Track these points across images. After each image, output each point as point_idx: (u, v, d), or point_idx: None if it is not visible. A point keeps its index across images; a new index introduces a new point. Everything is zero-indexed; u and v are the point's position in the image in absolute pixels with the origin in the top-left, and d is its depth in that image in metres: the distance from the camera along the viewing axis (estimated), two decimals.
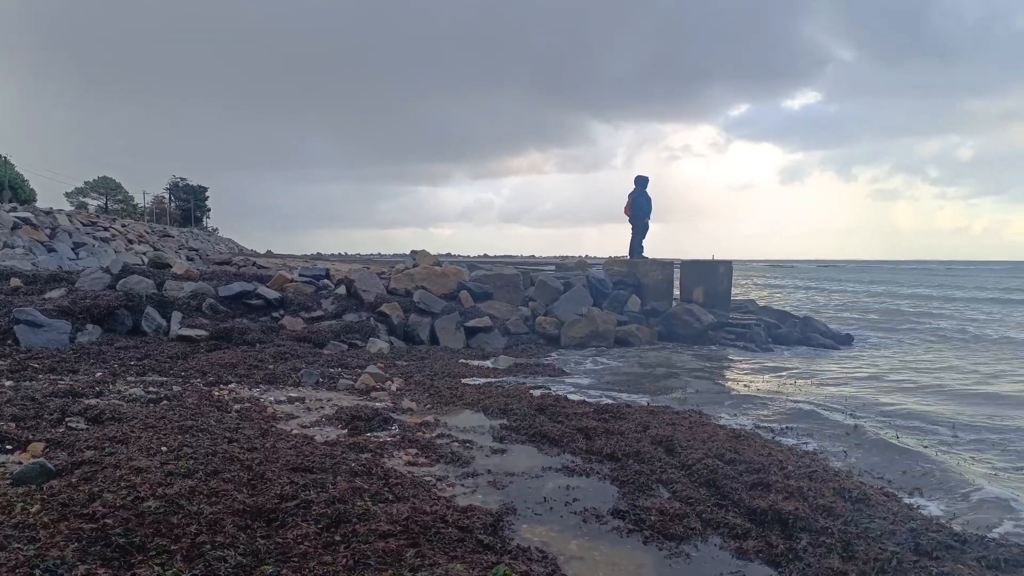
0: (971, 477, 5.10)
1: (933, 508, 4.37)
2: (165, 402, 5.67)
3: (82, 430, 4.54)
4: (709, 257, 16.04)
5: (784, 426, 6.49)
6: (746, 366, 10.84)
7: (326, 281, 12.85)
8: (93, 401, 5.42)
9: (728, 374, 10.05)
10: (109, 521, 2.88)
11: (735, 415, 6.95)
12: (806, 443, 5.89)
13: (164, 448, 4.08)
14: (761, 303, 17.86)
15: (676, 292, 15.35)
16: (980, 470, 5.33)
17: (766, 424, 6.55)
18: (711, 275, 15.13)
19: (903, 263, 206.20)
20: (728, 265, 15.51)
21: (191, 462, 3.77)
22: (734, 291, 17.01)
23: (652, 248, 17.51)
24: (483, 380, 8.15)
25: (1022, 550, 3.50)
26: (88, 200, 63.59)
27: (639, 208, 15.91)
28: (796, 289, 41.42)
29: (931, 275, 69.53)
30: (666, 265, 15.10)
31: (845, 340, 14.48)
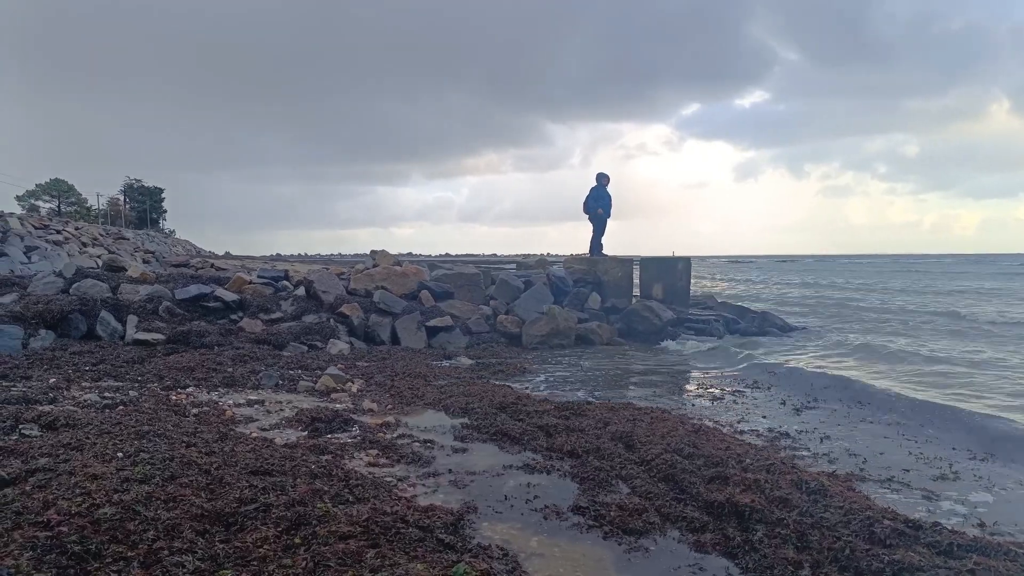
0: (928, 464, 5.24)
1: (890, 496, 4.48)
2: (121, 407, 5.58)
3: (36, 437, 4.45)
4: (668, 254, 16.21)
5: (743, 419, 6.61)
6: (704, 361, 10.98)
7: (285, 282, 12.72)
8: (47, 408, 5.31)
9: (687, 370, 10.17)
10: (64, 529, 2.84)
11: (694, 410, 7.05)
12: (765, 435, 6.00)
13: (120, 454, 4.01)
14: (720, 299, 18.09)
15: (636, 289, 15.48)
16: (935, 455, 5.46)
17: (725, 417, 6.66)
18: (670, 272, 15.30)
19: (858, 257, 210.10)
20: (687, 261, 15.68)
21: (148, 467, 3.72)
22: (693, 287, 17.19)
23: (612, 246, 17.61)
24: (444, 379, 8.15)
25: (974, 537, 3.56)
26: (40, 203, 62.09)
27: (587, 206, 15.94)
28: (755, 283, 41.98)
29: (885, 269, 70.97)
30: (626, 262, 15.21)
31: (803, 333, 14.76)
